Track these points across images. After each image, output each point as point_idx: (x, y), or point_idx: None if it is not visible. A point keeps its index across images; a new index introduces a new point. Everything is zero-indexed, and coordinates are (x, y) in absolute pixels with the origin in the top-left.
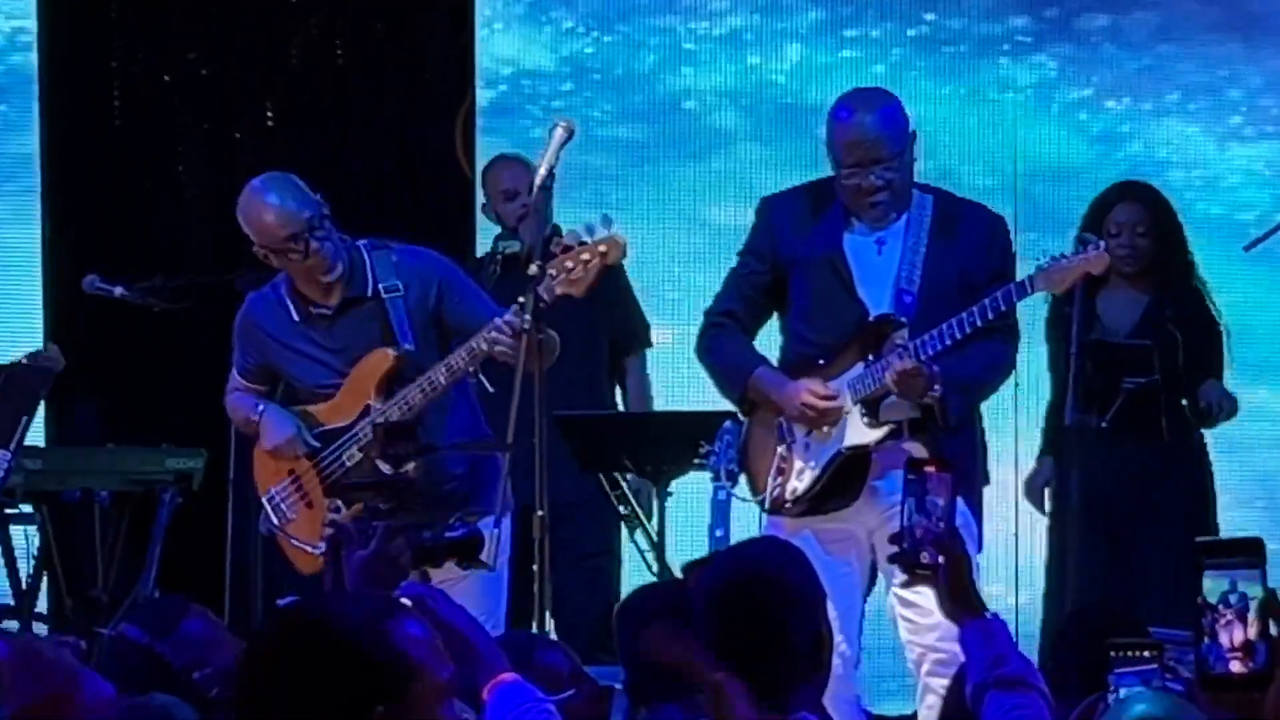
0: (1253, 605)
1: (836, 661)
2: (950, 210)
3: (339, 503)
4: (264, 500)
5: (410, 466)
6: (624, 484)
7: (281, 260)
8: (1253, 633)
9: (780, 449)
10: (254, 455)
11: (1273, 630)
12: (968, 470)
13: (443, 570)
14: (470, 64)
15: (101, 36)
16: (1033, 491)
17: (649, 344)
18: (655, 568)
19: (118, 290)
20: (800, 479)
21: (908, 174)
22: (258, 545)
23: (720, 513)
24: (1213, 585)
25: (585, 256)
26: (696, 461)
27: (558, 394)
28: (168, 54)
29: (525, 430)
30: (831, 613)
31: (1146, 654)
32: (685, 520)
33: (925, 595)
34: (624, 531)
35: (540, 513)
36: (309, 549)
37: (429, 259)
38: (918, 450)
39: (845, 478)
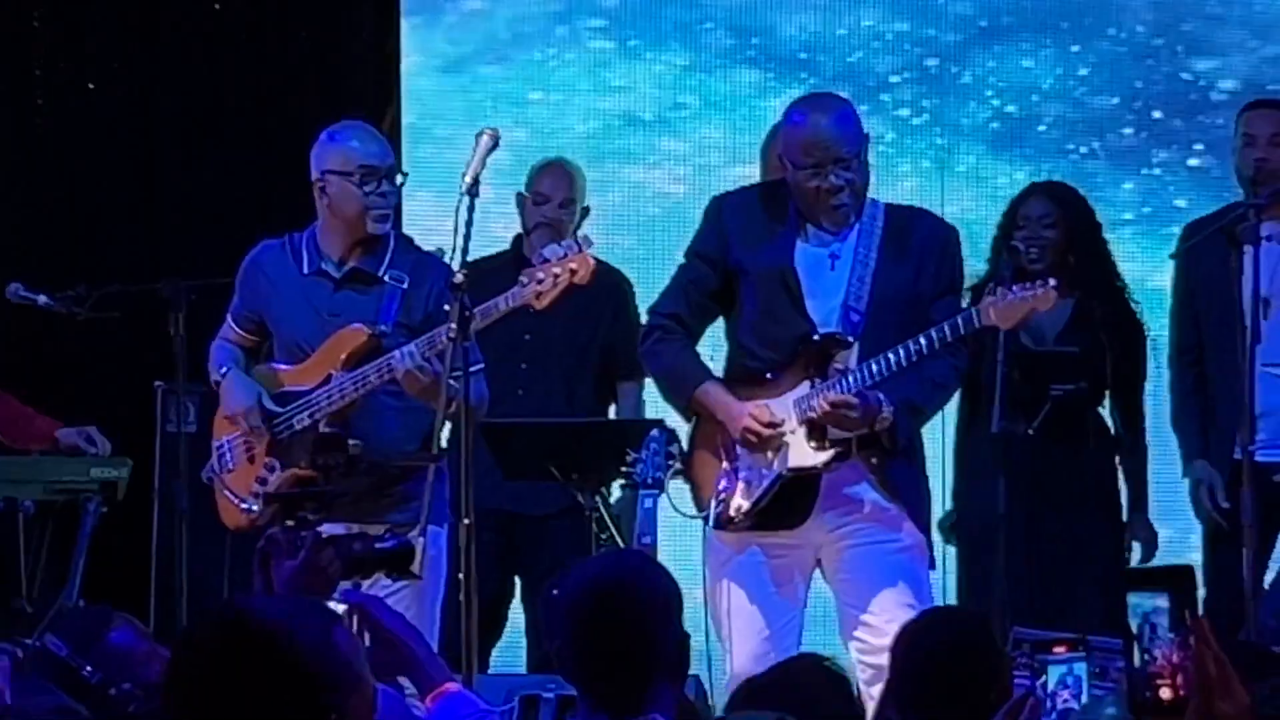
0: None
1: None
2: (901, 221)
3: (276, 463)
4: (214, 446)
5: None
6: (603, 507)
7: (344, 187)
8: (1177, 658)
9: (725, 465)
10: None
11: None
12: (914, 496)
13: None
14: (395, 78)
15: (24, 45)
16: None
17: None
18: None
19: (41, 299)
20: (745, 497)
21: (865, 177)
22: (183, 554)
23: (648, 520)
24: (1142, 609)
25: (556, 271)
26: (624, 470)
27: (533, 404)
28: (91, 62)
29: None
30: (769, 627)
31: (1070, 649)
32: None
33: (879, 615)
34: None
35: (467, 520)
36: (236, 502)
37: (441, 270)
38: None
39: (792, 497)
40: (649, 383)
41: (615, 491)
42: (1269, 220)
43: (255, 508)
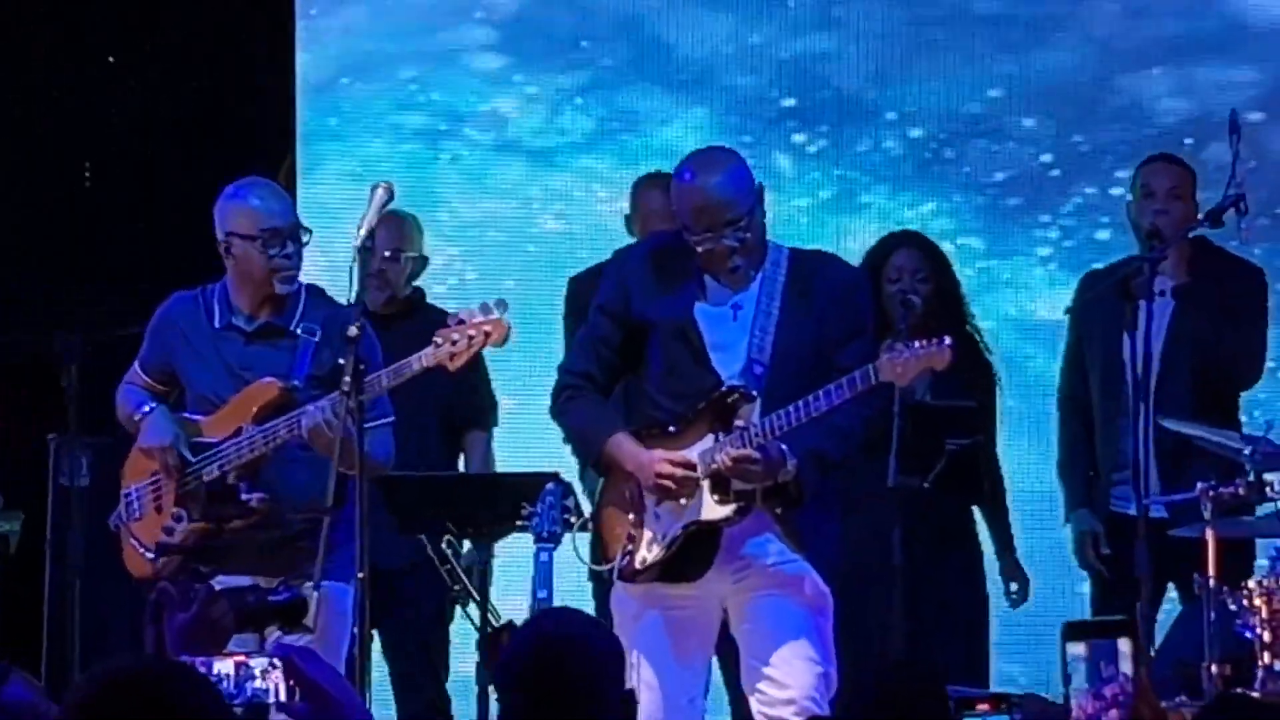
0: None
1: None
2: (805, 267)
3: (184, 513)
4: (122, 494)
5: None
6: (454, 559)
7: (248, 250)
8: (1091, 708)
9: (631, 516)
10: (131, 451)
11: None
12: (821, 547)
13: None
14: (290, 116)
15: None
16: None
17: (495, 422)
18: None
19: None
20: (649, 549)
21: (760, 231)
22: (75, 608)
23: (543, 574)
24: (1079, 662)
25: (470, 333)
26: (519, 523)
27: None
28: None
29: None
30: (675, 678)
31: (993, 707)
32: (508, 583)
33: (779, 668)
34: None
35: (361, 574)
36: (141, 551)
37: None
38: (770, 518)
39: (694, 550)
40: (497, 432)
41: (465, 544)
42: (1163, 275)
43: (160, 558)
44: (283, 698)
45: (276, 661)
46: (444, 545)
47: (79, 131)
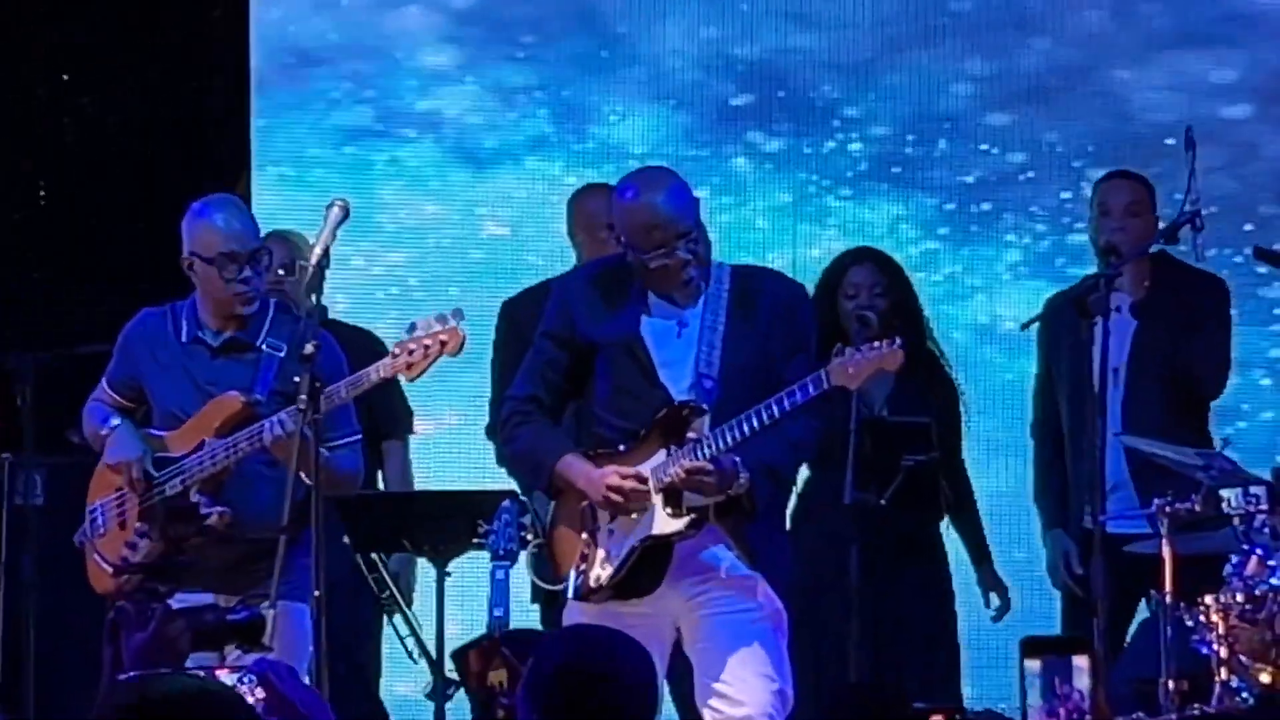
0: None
1: None
2: (747, 283)
3: (146, 527)
4: (88, 511)
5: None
6: (381, 567)
7: (209, 272)
8: None
9: (584, 535)
10: (96, 468)
11: None
12: (774, 560)
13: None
14: (245, 139)
15: None
16: None
17: (410, 430)
18: (415, 652)
19: None
20: (603, 567)
21: (707, 242)
22: (30, 627)
23: (500, 592)
24: (1034, 678)
25: (427, 343)
26: (475, 541)
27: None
28: None
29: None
30: None
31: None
32: (463, 600)
33: (733, 685)
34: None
35: (317, 593)
36: (105, 567)
37: (324, 342)
38: (722, 530)
39: (647, 566)
40: (413, 440)
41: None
42: (1122, 291)
43: (123, 574)
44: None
45: (251, 675)
46: (439, 561)
47: (32, 147)
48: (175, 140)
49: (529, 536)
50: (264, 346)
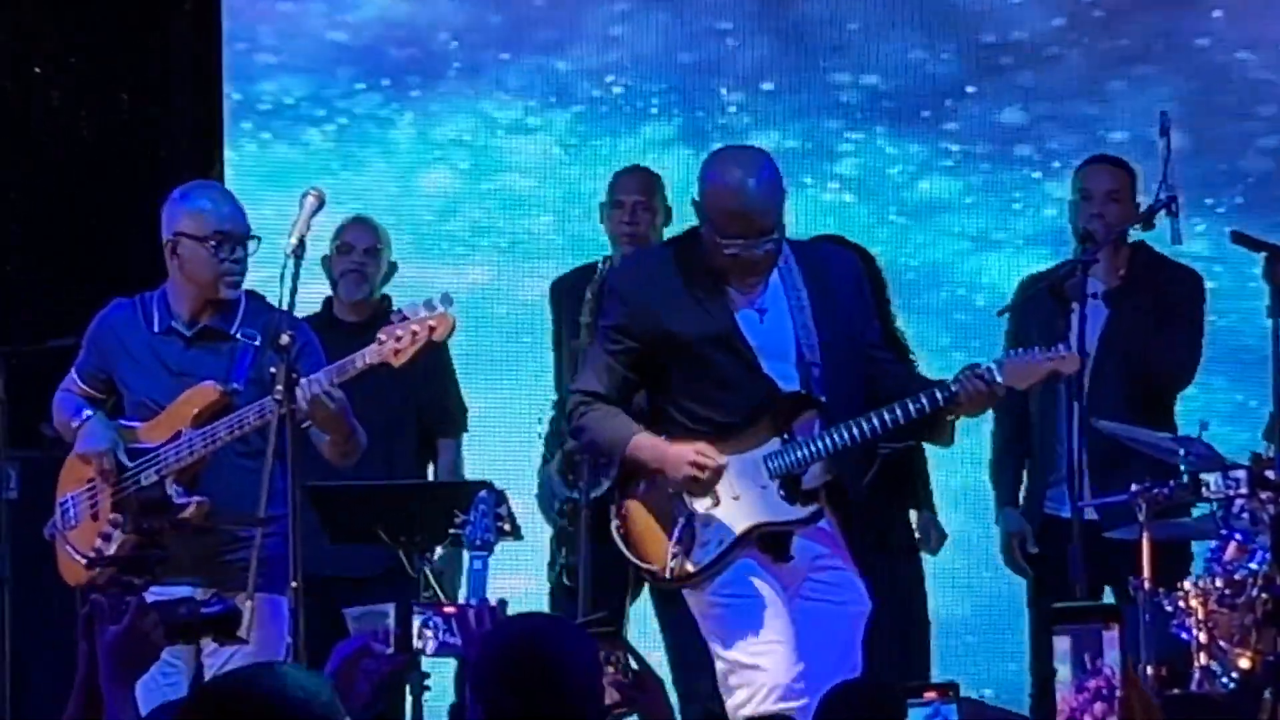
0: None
1: None
2: (812, 259)
3: (120, 518)
4: (58, 503)
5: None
6: (428, 564)
7: (196, 252)
8: (1099, 710)
9: (681, 519)
10: (66, 459)
11: None
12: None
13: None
14: (217, 136)
15: None
16: None
17: (465, 428)
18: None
19: None
20: (705, 551)
21: (783, 234)
22: (4, 621)
23: (477, 582)
24: (1063, 649)
25: (415, 329)
26: (452, 532)
27: (350, 465)
28: None
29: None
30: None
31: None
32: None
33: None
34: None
35: (295, 583)
36: (78, 559)
37: (297, 326)
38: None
39: (766, 548)
40: (467, 439)
41: (438, 550)
42: (1097, 278)
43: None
44: None
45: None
46: (421, 555)
47: (0, 142)
48: (145, 134)
49: (506, 527)
50: (239, 336)
